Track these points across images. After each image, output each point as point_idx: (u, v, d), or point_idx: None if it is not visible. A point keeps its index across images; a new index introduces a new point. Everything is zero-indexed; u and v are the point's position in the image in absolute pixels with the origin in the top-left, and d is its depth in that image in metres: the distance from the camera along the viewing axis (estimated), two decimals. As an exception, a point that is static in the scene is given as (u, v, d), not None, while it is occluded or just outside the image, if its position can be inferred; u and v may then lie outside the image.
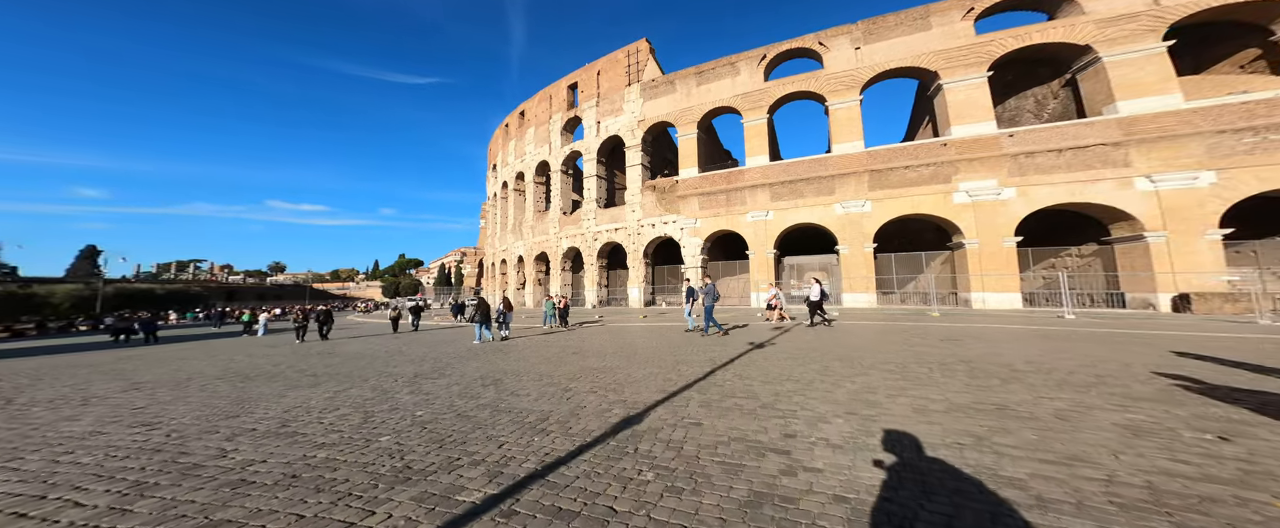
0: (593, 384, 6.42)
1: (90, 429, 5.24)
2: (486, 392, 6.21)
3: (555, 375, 7.24)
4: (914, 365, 6.91)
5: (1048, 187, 17.51)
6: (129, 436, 4.91)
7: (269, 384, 7.65)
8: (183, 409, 6.04)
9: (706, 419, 4.50)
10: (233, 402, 6.35)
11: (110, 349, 17.24)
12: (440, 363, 9.24)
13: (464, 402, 5.68)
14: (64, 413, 6.18)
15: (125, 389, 7.84)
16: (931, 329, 11.86)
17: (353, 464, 3.66)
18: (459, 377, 7.48)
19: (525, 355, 9.77)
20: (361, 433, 4.54)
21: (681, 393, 5.66)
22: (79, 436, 5.01)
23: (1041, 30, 18.00)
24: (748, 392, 5.56)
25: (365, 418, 5.09)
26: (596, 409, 5.03)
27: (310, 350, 13.25)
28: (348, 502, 2.98)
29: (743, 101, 25.91)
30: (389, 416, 5.17)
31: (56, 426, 5.51)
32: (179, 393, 7.26)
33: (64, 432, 5.21)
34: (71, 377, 9.67)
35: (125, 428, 5.23)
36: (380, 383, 7.24)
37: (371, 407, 5.63)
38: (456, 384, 6.86)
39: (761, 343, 10.06)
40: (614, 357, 8.98)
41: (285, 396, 6.61)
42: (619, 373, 7.22)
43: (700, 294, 12.69)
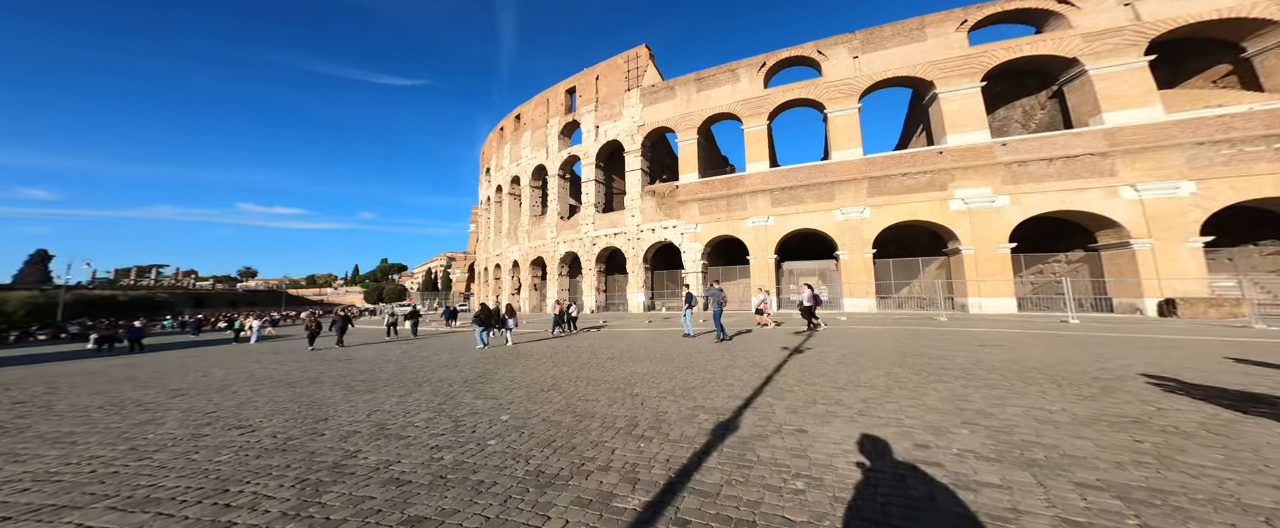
0: (654, 389, 6.58)
1: (189, 431, 5.44)
2: (553, 397, 6.38)
3: (609, 380, 7.44)
4: (982, 372, 7.01)
5: (1040, 194, 18.49)
6: (237, 437, 5.09)
7: (325, 389, 7.82)
8: (259, 413, 6.20)
9: (810, 426, 4.58)
10: (305, 406, 6.52)
11: (95, 358, 16.95)
12: (479, 368, 9.49)
13: (539, 407, 5.82)
14: (134, 418, 6.33)
15: (170, 395, 8.01)
16: (953, 334, 12.46)
17: (486, 467, 3.80)
18: (511, 383, 7.61)
19: (558, 361, 10.05)
20: (465, 436, 4.67)
21: (756, 399, 5.76)
22: (184, 437, 5.21)
23: (1031, 42, 19.05)
24: (829, 398, 5.67)
25: (454, 423, 5.24)
26: (680, 415, 5.14)
27: (327, 357, 13.30)
28: (516, 504, 3.09)
29: (743, 108, 26.64)
30: (475, 420, 5.32)
31: (141, 430, 5.64)
32: (236, 398, 7.42)
33: (163, 434, 5.39)
34: (89, 385, 9.64)
35: (224, 430, 5.42)
36: (438, 388, 7.42)
37: (450, 411, 5.77)
38: (517, 389, 7.04)
39: (795, 348, 10.45)
40: (652, 362, 9.32)
41: (352, 400, 6.79)
42: (672, 379, 7.40)
43: (704, 299, 13.11)
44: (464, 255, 67.87)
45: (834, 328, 14.61)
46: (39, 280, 67.72)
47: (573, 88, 35.30)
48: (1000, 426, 4.37)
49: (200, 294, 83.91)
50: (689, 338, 13.37)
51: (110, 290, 72.50)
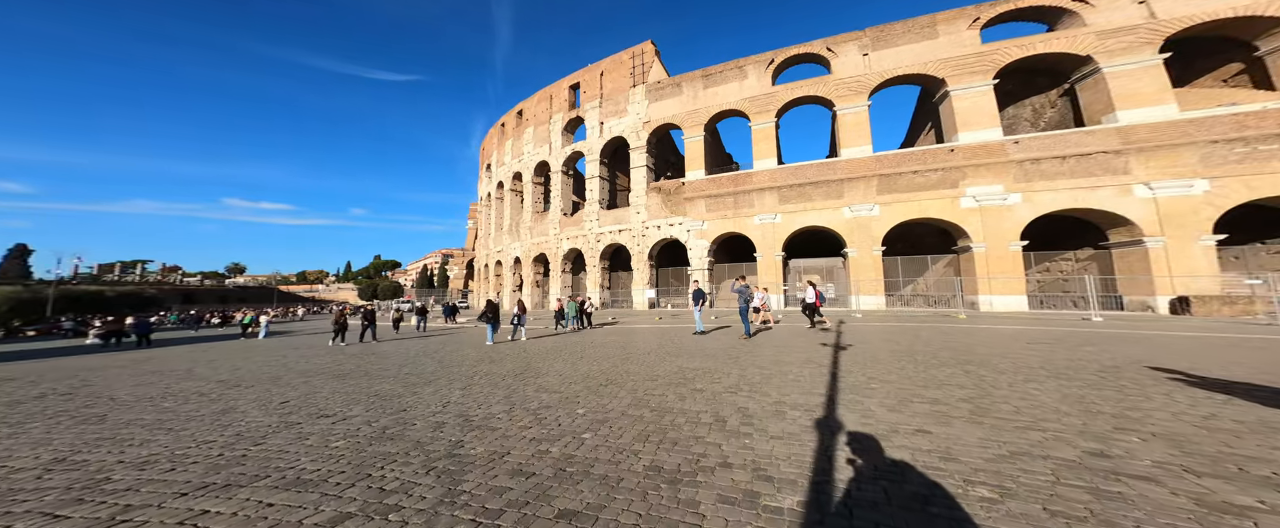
0: (718, 385, 6.43)
1: (277, 419, 5.38)
2: (617, 392, 6.19)
3: (663, 375, 7.32)
4: (1076, 372, 6.60)
5: (1052, 192, 18.45)
6: (332, 425, 5.03)
7: (379, 382, 7.66)
8: (334, 404, 6.12)
9: (928, 426, 4.27)
10: (373, 398, 6.39)
11: (103, 353, 16.52)
12: (519, 362, 9.32)
13: (609, 401, 5.67)
14: (209, 406, 6.27)
15: (224, 386, 7.89)
16: (985, 331, 12.29)
17: (600, 461, 3.66)
18: (563, 377, 7.44)
19: (594, 356, 9.80)
20: (554, 429, 4.56)
21: (838, 395, 5.55)
22: (279, 425, 5.15)
23: (1045, 40, 18.98)
24: (920, 396, 5.39)
25: (534, 416, 5.09)
26: (765, 411, 4.98)
27: (351, 352, 13.04)
28: (658, 501, 2.94)
29: (751, 105, 26.45)
30: (552, 413, 5.20)
31: (229, 417, 5.62)
32: (297, 390, 7.32)
33: (257, 421, 5.33)
34: (127, 378, 9.36)
35: (312, 418, 5.37)
36: (492, 382, 7.28)
37: (521, 404, 5.66)
38: (573, 383, 6.89)
39: (836, 345, 10.25)
40: (694, 357, 9.18)
41: (418, 392, 6.67)
42: (728, 374, 7.22)
43: (741, 296, 12.93)
44: (462, 252, 67.33)
45: (854, 325, 14.44)
46: (19, 275, 66.26)
47: (577, 84, 34.95)
48: (1166, 432, 3.93)
49: (189, 290, 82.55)
50: (701, 335, 13.22)
51: (97, 286, 71.12)
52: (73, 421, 5.83)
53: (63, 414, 6.23)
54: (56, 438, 5.05)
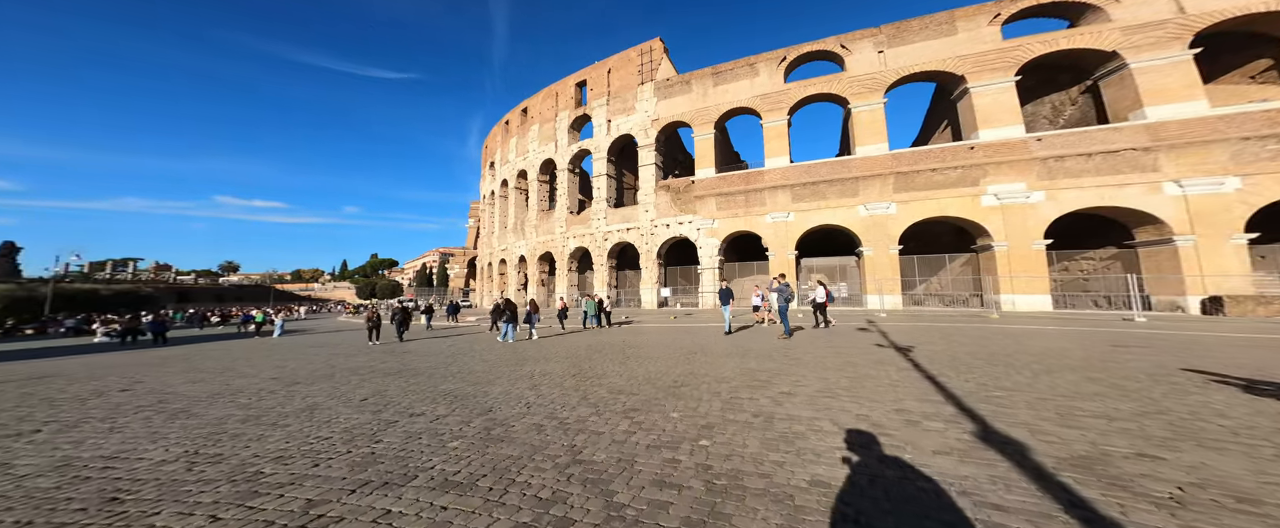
0: (810, 388, 5.82)
1: (372, 416, 5.14)
2: (698, 394, 5.68)
3: (733, 376, 6.76)
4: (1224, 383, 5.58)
5: (1077, 190, 17.66)
6: (432, 424, 4.76)
7: (441, 381, 7.26)
8: (414, 402, 5.81)
9: (1153, 451, 3.39)
10: (445, 396, 6.07)
11: (121, 351, 15.69)
12: (569, 364, 8.58)
13: (701, 406, 5.15)
14: (291, 405, 5.96)
15: (281, 384, 7.54)
16: (1036, 332, 11.41)
17: (750, 473, 3.24)
18: (629, 378, 6.91)
19: (645, 357, 9.02)
20: (662, 435, 4.13)
21: (974, 406, 4.68)
22: (378, 422, 4.88)
23: (1069, 36, 18.20)
24: (1085, 410, 4.46)
25: (629, 419, 4.65)
26: (894, 421, 4.28)
27: (396, 350, 12.33)
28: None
29: (762, 103, 25.48)
30: (650, 416, 4.76)
31: (322, 415, 5.31)
32: (362, 388, 6.96)
33: (354, 420, 5.04)
34: (172, 377, 8.83)
35: (407, 417, 5.09)
36: (553, 381, 6.82)
37: (602, 405, 5.28)
38: (643, 385, 6.40)
39: (898, 346, 9.29)
40: (753, 358, 8.51)
41: (487, 391, 6.32)
42: (807, 378, 6.50)
43: (780, 295, 11.95)
44: (463, 251, 65.79)
45: (888, 325, 13.48)
46: (7, 273, 63.60)
47: (583, 81, 33.79)
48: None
49: (183, 289, 79.84)
50: (730, 335, 12.34)
51: (92, 284, 68.60)
52: (163, 416, 5.56)
53: (146, 409, 5.98)
54: (168, 432, 4.80)
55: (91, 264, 58.27)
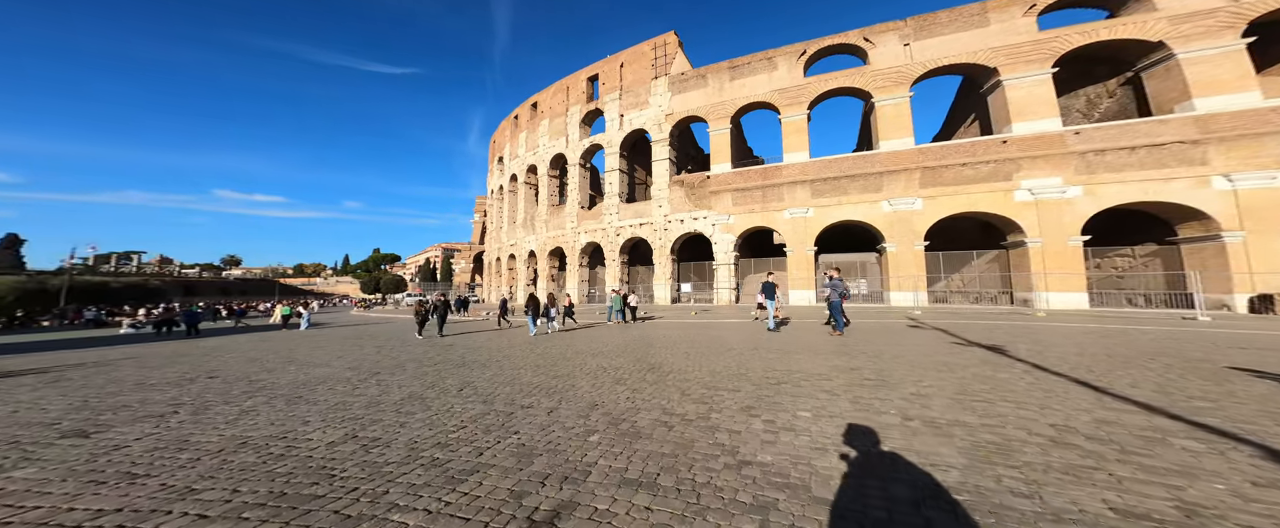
0: (931, 391, 4.98)
1: (482, 408, 4.75)
2: (810, 390, 5.18)
3: (826, 374, 6.07)
4: None
5: (1118, 185, 16.40)
6: (550, 417, 4.32)
7: (518, 373, 6.78)
8: (512, 394, 5.37)
9: None
10: (539, 390, 5.57)
11: (155, 342, 14.92)
12: (633, 357, 8.02)
13: (829, 405, 4.54)
14: (388, 394, 5.56)
15: (359, 374, 7.11)
16: (1107, 331, 10.11)
17: (964, 487, 2.64)
18: (712, 373, 6.33)
19: (705, 353, 8.13)
20: (819, 438, 3.59)
21: (1156, 418, 3.81)
22: (497, 414, 4.49)
23: (1110, 27, 16.91)
24: None
25: (764, 422, 4.05)
26: (1042, 439, 3.40)
27: (435, 344, 11.54)
28: None
29: (781, 97, 24.08)
30: (780, 415, 4.20)
31: (423, 403, 5.03)
32: (448, 378, 6.60)
33: (469, 410, 4.68)
34: (239, 366, 8.34)
35: (522, 410, 4.63)
36: (643, 378, 6.09)
37: (723, 405, 4.64)
38: (731, 379, 5.85)
39: (991, 346, 7.94)
40: (827, 355, 7.61)
41: (576, 385, 5.75)
42: (900, 375, 5.68)
43: (835, 290, 10.59)
44: (468, 247, 63.98)
45: (941, 323, 12.14)
46: (11, 265, 61.02)
47: (595, 75, 32.22)
48: None
49: (189, 282, 77.25)
50: (775, 331, 11.05)
51: (101, 277, 66.27)
52: (280, 400, 5.39)
53: (253, 394, 5.77)
54: (304, 416, 4.62)
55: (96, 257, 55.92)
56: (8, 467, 3.43)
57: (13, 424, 4.68)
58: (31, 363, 9.88)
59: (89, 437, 4.16)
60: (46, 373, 8.27)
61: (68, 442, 4.03)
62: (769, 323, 11.41)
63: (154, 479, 3.11)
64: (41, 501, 2.84)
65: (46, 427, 4.56)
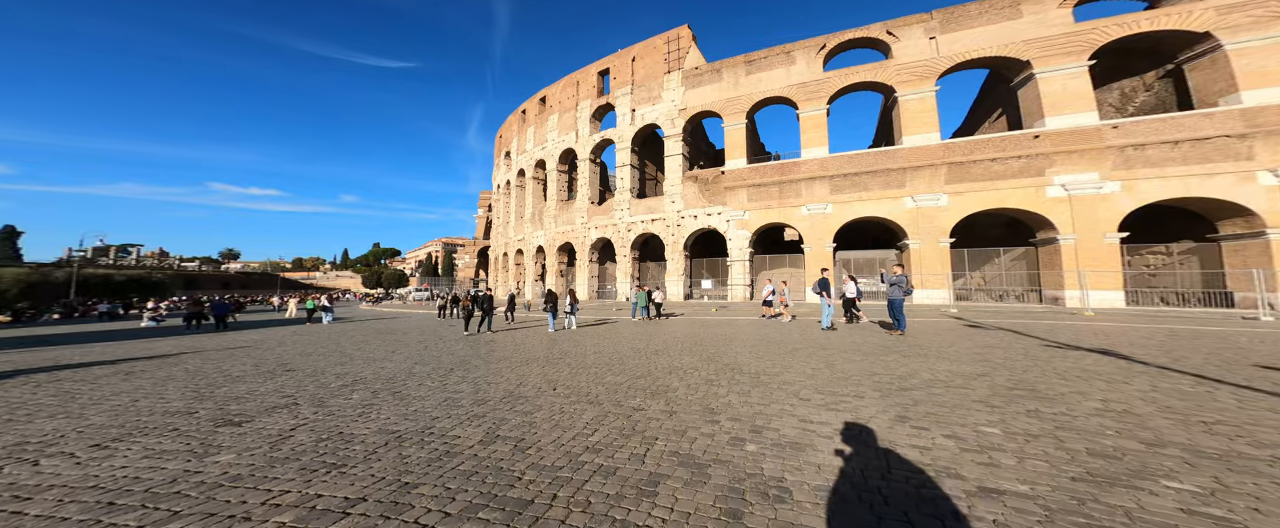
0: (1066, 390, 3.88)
1: (600, 412, 4.22)
2: (996, 410, 3.99)
3: (962, 381, 5.15)
4: None
5: (1159, 180, 15.36)
6: (665, 421, 3.89)
7: (592, 372, 6.31)
8: (616, 395, 4.91)
9: None
10: (633, 390, 5.11)
11: (191, 335, 14.52)
12: (701, 356, 7.56)
13: (1002, 416, 3.86)
14: (489, 390, 5.16)
15: (437, 371, 6.77)
16: (1206, 334, 9.01)
17: None
18: (799, 378, 5.56)
19: (776, 353, 6.90)
20: (1078, 464, 2.78)
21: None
22: (621, 416, 4.07)
23: (1151, 18, 15.82)
24: None
25: (962, 443, 3.26)
26: None
27: (479, 340, 10.83)
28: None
29: (799, 92, 22.81)
30: (966, 433, 3.46)
31: (530, 400, 4.70)
32: (530, 375, 6.22)
33: (585, 416, 4.11)
34: (303, 363, 7.76)
35: (635, 411, 4.21)
36: (738, 380, 5.55)
37: (838, 408, 4.24)
38: (842, 382, 5.24)
39: (1086, 348, 6.77)
40: (927, 360, 6.44)
41: (667, 384, 5.37)
42: (1013, 379, 4.67)
43: (900, 287, 9.40)
44: (471, 242, 62.22)
45: (999, 322, 10.96)
46: (8, 257, 58.22)
47: (606, 69, 30.74)
48: None
49: (190, 275, 74.44)
50: (828, 330, 9.88)
51: (104, 269, 63.64)
52: (389, 394, 5.07)
53: (349, 389, 5.42)
54: (428, 412, 4.29)
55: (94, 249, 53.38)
56: (200, 452, 3.31)
57: (153, 413, 4.49)
58: (83, 356, 9.31)
59: (241, 426, 3.96)
60: (113, 365, 7.87)
61: (226, 430, 3.85)
62: (825, 321, 10.18)
63: (355, 469, 2.96)
64: (272, 486, 2.71)
65: (189, 416, 4.36)
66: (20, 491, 2.76)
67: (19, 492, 2.74)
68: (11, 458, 3.35)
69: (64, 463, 3.22)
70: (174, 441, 3.62)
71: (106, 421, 4.29)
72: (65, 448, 3.53)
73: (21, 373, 7.20)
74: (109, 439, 3.71)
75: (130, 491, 2.72)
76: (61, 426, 4.16)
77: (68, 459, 3.29)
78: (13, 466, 3.19)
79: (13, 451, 3.51)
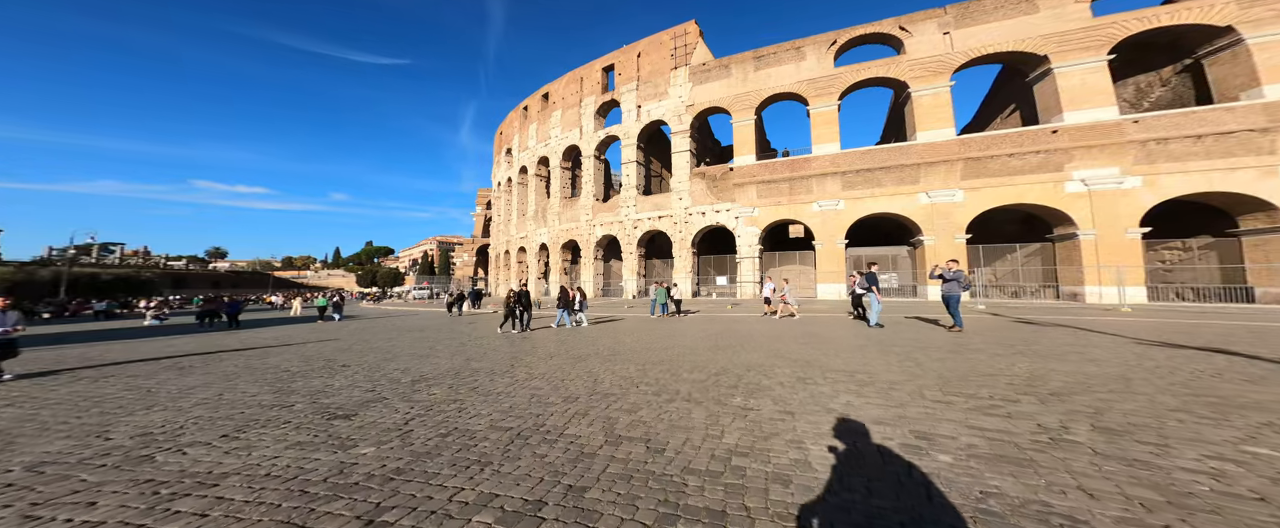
0: None
1: (700, 411, 3.80)
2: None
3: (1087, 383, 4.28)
4: None
5: (1182, 175, 14.93)
6: (777, 417, 3.52)
7: (661, 368, 5.75)
8: (687, 389, 4.52)
9: None
10: (726, 387, 4.57)
11: (204, 334, 13.61)
12: (770, 353, 6.77)
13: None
14: (573, 386, 4.78)
15: (506, 368, 6.19)
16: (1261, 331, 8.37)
17: None
18: (898, 377, 4.88)
19: (841, 350, 6.10)
20: None
21: None
22: (712, 417, 3.59)
23: (1172, 12, 15.41)
24: None
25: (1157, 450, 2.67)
26: None
27: (517, 338, 9.90)
28: None
29: (810, 87, 22.12)
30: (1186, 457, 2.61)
31: (618, 399, 4.25)
32: (602, 371, 5.66)
33: (683, 414, 3.73)
34: (359, 361, 7.11)
35: (747, 410, 3.73)
36: (813, 375, 5.16)
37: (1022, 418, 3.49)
38: (959, 381, 4.46)
39: (1195, 346, 6.04)
40: (1017, 358, 5.63)
41: (760, 383, 4.71)
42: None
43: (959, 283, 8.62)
44: (469, 240, 60.65)
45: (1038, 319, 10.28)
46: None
47: (610, 65, 29.76)
48: None
49: (178, 274, 71.39)
50: (878, 328, 9.10)
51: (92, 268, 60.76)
52: (468, 390, 4.76)
53: (424, 383, 5.14)
54: (525, 410, 3.94)
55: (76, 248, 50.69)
56: (337, 444, 3.16)
57: (247, 406, 4.35)
58: (106, 354, 8.72)
59: (351, 419, 3.78)
60: (157, 361, 7.49)
61: (340, 423, 3.68)
62: (872, 318, 9.39)
63: (505, 467, 2.73)
64: (441, 481, 2.55)
65: (286, 409, 4.19)
66: (199, 477, 2.66)
67: (201, 479, 2.65)
68: (154, 447, 3.23)
69: (211, 452, 3.11)
70: (299, 432, 3.47)
71: (209, 413, 4.13)
72: (196, 438, 3.40)
73: (66, 370, 6.78)
74: (233, 430, 3.55)
75: (309, 480, 2.60)
76: (168, 418, 3.98)
77: (212, 449, 3.17)
78: (164, 455, 3.09)
79: (146, 440, 3.37)
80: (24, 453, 3.20)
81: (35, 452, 3.21)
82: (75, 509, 2.32)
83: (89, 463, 2.97)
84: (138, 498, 2.43)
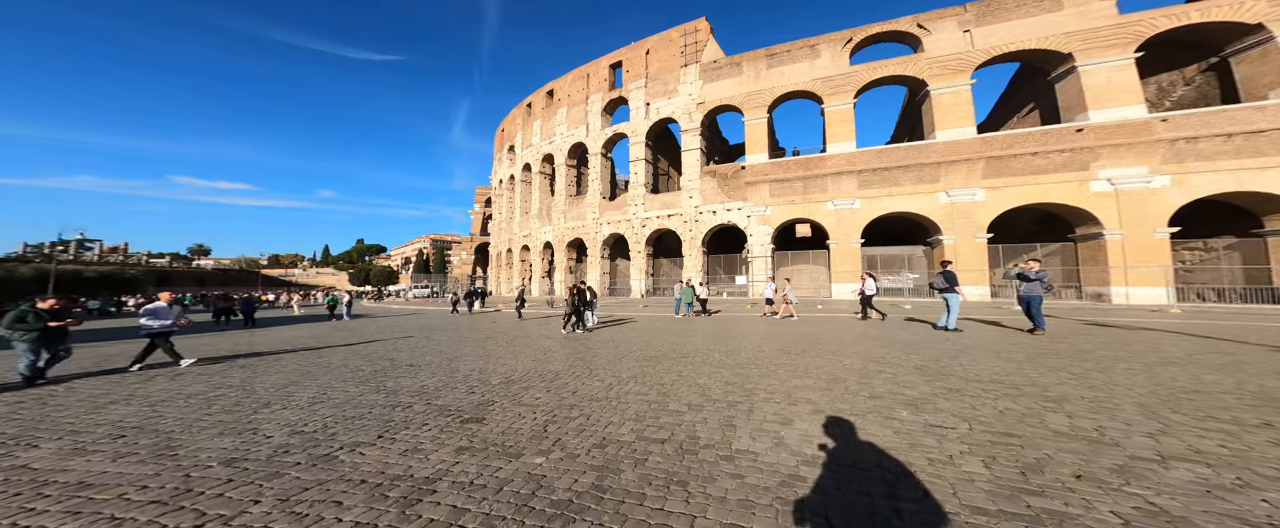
0: None
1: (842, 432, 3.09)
2: None
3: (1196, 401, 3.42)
4: None
5: (1211, 174, 14.40)
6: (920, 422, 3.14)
7: (796, 377, 5.00)
8: (827, 398, 3.86)
9: None
10: (852, 397, 3.89)
11: (218, 332, 12.85)
12: (832, 358, 5.96)
13: None
14: (679, 391, 4.28)
15: (554, 375, 5.58)
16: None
17: None
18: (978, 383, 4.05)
19: (935, 353, 5.05)
20: None
21: None
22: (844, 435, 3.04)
23: (1201, 9, 14.87)
24: None
25: None
26: None
27: (577, 339, 8.98)
28: None
29: (825, 86, 21.30)
30: None
31: (732, 408, 3.75)
32: (697, 374, 5.06)
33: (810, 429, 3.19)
34: (396, 351, 7.31)
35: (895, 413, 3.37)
36: (894, 379, 4.66)
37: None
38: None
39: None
40: (1152, 368, 4.45)
41: (851, 388, 4.13)
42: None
43: (1041, 283, 7.72)
44: (467, 238, 58.91)
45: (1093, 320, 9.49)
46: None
47: (618, 62, 28.59)
48: None
49: (163, 272, 68.03)
50: (955, 331, 8.17)
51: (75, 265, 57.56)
52: (594, 403, 4.10)
53: (527, 386, 4.72)
54: (664, 421, 3.47)
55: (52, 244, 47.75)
56: (508, 456, 2.84)
57: (359, 405, 4.05)
58: (158, 354, 7.93)
59: (482, 423, 3.47)
60: (213, 362, 6.92)
61: (475, 426, 3.40)
62: (949, 321, 8.43)
63: (715, 487, 2.37)
64: (639, 501, 2.24)
65: (406, 410, 3.89)
66: (412, 482, 2.43)
67: (415, 483, 2.42)
68: (324, 446, 2.99)
69: (386, 454, 2.85)
70: (448, 436, 3.20)
71: (336, 412, 3.84)
72: (357, 438, 3.16)
73: (117, 371, 6.24)
74: (382, 431, 3.31)
75: (518, 492, 2.32)
76: (300, 417, 3.73)
77: (384, 450, 2.91)
78: (343, 453, 2.87)
79: (307, 439, 3.15)
80: (202, 449, 2.97)
81: (213, 448, 2.99)
82: (325, 507, 2.17)
83: (280, 461, 2.75)
84: (371, 500, 2.23)
